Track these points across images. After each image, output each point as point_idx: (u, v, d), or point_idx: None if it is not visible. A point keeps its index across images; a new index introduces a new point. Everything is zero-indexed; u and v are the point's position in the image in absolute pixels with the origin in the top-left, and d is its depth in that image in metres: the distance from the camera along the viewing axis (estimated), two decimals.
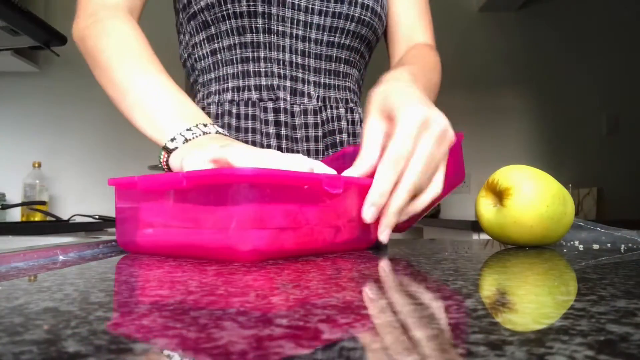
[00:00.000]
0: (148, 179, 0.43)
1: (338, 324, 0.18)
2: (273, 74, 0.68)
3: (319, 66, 0.70)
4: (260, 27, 0.65)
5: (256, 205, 0.38)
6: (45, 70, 2.20)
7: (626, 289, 0.26)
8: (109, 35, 0.59)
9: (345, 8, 0.67)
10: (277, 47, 0.67)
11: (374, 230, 0.50)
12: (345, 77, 0.72)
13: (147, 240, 0.45)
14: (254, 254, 0.38)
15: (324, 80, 0.70)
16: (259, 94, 0.68)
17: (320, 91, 0.70)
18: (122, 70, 0.56)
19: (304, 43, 0.68)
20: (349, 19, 0.67)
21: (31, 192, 1.99)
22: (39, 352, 0.15)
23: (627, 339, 0.16)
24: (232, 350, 0.15)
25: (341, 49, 0.70)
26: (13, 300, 0.23)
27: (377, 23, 0.71)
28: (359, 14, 0.67)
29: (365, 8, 0.68)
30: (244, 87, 0.68)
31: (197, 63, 0.72)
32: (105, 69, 0.58)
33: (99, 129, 2.20)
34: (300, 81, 0.69)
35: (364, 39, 0.71)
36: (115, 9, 0.62)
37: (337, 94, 0.71)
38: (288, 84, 0.68)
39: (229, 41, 0.66)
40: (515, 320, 0.19)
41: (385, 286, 0.28)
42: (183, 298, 0.23)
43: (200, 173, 0.39)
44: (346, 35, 0.69)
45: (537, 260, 0.42)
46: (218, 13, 0.64)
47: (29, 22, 1.43)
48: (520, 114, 2.75)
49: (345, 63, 0.72)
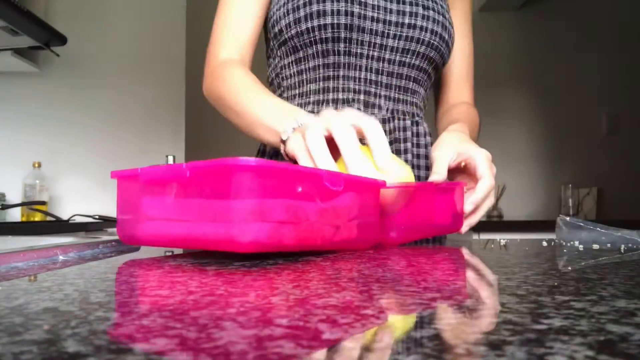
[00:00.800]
0: (150, 170, 0.43)
1: (338, 324, 0.18)
2: (349, 89, 0.77)
3: (390, 82, 0.78)
4: (342, 50, 0.75)
5: (257, 197, 0.38)
6: (45, 70, 2.20)
7: (626, 289, 0.26)
8: (229, 81, 0.73)
9: (417, 33, 0.76)
10: (355, 66, 0.77)
11: (374, 230, 0.50)
12: (413, 94, 0.81)
13: (148, 232, 0.44)
14: (254, 245, 0.38)
15: (394, 95, 0.79)
16: (335, 106, 0.77)
17: (390, 104, 0.78)
18: (242, 100, 0.70)
19: (378, 62, 0.77)
20: (420, 42, 0.77)
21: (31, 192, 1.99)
22: (39, 352, 0.15)
23: (627, 339, 0.16)
24: (232, 350, 0.15)
25: (411, 68, 0.79)
26: (13, 300, 0.23)
27: (444, 48, 0.80)
28: (429, 39, 0.77)
29: (434, 34, 0.77)
30: (323, 100, 0.78)
31: (284, 81, 0.82)
32: (230, 105, 0.72)
33: (99, 129, 2.19)
34: (373, 95, 0.78)
35: (432, 61, 0.80)
36: (229, 62, 0.76)
37: (404, 107, 0.79)
38: (362, 97, 0.77)
39: (314, 63, 0.77)
40: (515, 320, 0.19)
41: (385, 286, 0.28)
42: (183, 298, 0.23)
43: (202, 164, 0.39)
44: (416, 56, 0.78)
45: (537, 260, 0.42)
46: (306, 39, 0.75)
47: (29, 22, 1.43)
48: (520, 113, 2.75)
49: (414, 81, 0.80)
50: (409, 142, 0.78)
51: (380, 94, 0.77)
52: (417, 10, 0.76)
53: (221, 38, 0.77)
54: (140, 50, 2.23)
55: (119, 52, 2.23)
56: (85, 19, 2.22)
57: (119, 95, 2.20)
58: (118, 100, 2.19)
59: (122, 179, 0.46)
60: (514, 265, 0.39)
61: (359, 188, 0.47)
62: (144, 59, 2.23)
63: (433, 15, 0.77)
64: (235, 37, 0.77)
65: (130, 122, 2.19)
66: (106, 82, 2.21)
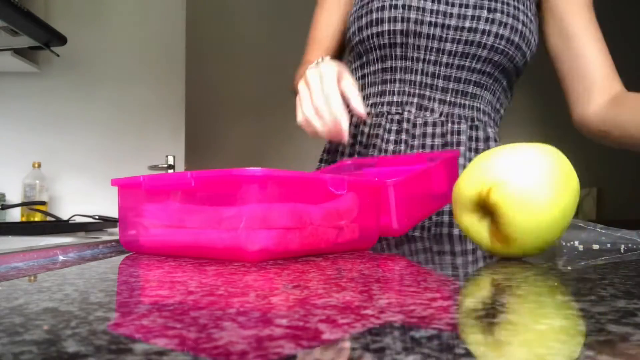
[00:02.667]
0: (154, 179, 0.43)
1: (338, 324, 0.18)
2: (404, 92, 0.80)
3: (446, 86, 0.79)
4: (399, 55, 0.78)
5: (264, 207, 0.38)
6: (45, 70, 2.20)
7: (626, 289, 0.26)
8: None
9: (478, 37, 0.75)
10: (411, 70, 0.79)
11: (374, 229, 0.50)
12: (473, 98, 0.80)
13: (151, 240, 0.44)
14: (262, 253, 0.38)
15: (449, 99, 0.79)
16: (389, 108, 0.80)
17: (445, 107, 0.79)
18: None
19: (434, 66, 0.78)
20: (481, 46, 0.75)
21: (31, 192, 1.99)
22: (39, 352, 0.15)
23: (627, 339, 0.16)
24: (232, 350, 0.15)
25: (471, 72, 0.78)
26: (13, 301, 0.23)
27: (513, 51, 0.77)
28: (492, 42, 0.75)
29: (499, 37, 0.75)
30: (380, 103, 0.82)
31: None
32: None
33: (99, 129, 2.19)
34: (427, 98, 0.79)
35: (498, 65, 0.78)
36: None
37: (461, 111, 0.79)
38: (415, 100, 0.79)
39: (374, 67, 0.81)
40: (515, 320, 0.19)
41: (385, 286, 0.28)
42: (183, 298, 0.23)
43: (208, 174, 0.39)
44: (477, 60, 0.76)
45: (537, 260, 0.42)
46: (367, 46, 0.80)
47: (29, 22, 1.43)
48: (520, 113, 2.75)
49: (476, 85, 0.79)
50: (463, 146, 0.78)
51: (435, 97, 0.79)
52: (480, 14, 0.75)
53: (311, 50, 0.88)
54: (140, 51, 2.23)
55: (119, 52, 2.23)
56: (85, 19, 2.22)
57: (119, 96, 2.20)
58: (118, 100, 2.19)
59: (123, 188, 0.46)
60: (514, 266, 0.39)
61: (359, 189, 0.47)
62: (144, 59, 2.23)
63: (500, 18, 0.75)
64: (322, 50, 0.87)
65: (130, 122, 2.19)
66: (106, 82, 2.21)
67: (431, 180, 0.61)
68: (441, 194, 0.63)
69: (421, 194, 0.60)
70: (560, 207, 0.37)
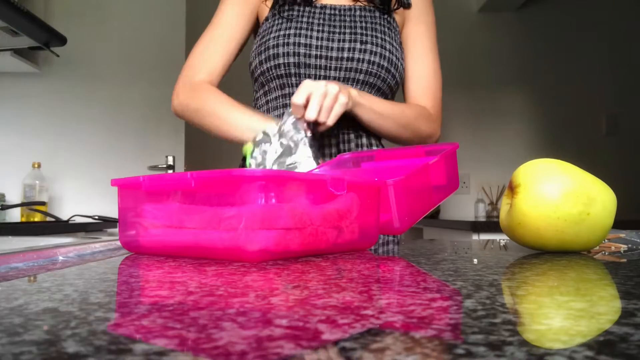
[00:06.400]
0: (154, 179, 0.43)
1: (338, 325, 0.18)
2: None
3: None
4: (294, 82, 0.93)
5: (264, 207, 0.38)
6: (45, 70, 2.20)
7: (626, 289, 0.26)
8: (206, 97, 0.94)
9: (355, 64, 0.92)
10: None
11: (374, 229, 0.50)
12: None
13: (151, 241, 0.44)
14: (262, 254, 0.38)
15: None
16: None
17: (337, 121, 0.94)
18: (221, 110, 0.91)
19: None
20: (358, 71, 0.92)
21: (31, 192, 1.99)
22: (38, 352, 0.15)
23: (627, 339, 0.16)
24: (232, 350, 0.15)
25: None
26: (13, 301, 0.23)
27: (384, 74, 0.93)
28: (366, 67, 0.92)
29: (371, 63, 0.92)
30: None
31: (259, 109, 1.00)
32: (210, 114, 0.92)
33: (99, 129, 2.20)
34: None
35: (373, 85, 0.94)
36: (202, 83, 0.96)
37: (349, 123, 0.91)
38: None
39: (275, 94, 0.96)
40: (515, 321, 0.19)
41: (385, 286, 0.28)
42: (183, 298, 0.23)
43: (208, 174, 0.39)
44: (356, 83, 0.92)
45: (537, 260, 0.42)
46: (268, 76, 0.94)
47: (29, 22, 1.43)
48: (520, 114, 2.75)
49: None
50: (352, 150, 0.94)
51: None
52: (355, 46, 0.92)
53: (197, 63, 0.98)
54: (140, 50, 2.23)
55: (119, 52, 2.23)
56: (85, 19, 2.22)
57: (119, 96, 2.20)
58: (118, 100, 2.19)
59: (123, 188, 0.46)
60: (514, 265, 0.39)
61: (359, 189, 0.47)
62: (144, 59, 2.23)
63: (371, 48, 0.92)
64: (209, 65, 0.98)
65: (130, 122, 2.19)
66: (106, 82, 2.21)
67: (431, 176, 0.61)
68: (441, 187, 0.63)
69: (422, 190, 0.60)
70: (559, 208, 0.46)
